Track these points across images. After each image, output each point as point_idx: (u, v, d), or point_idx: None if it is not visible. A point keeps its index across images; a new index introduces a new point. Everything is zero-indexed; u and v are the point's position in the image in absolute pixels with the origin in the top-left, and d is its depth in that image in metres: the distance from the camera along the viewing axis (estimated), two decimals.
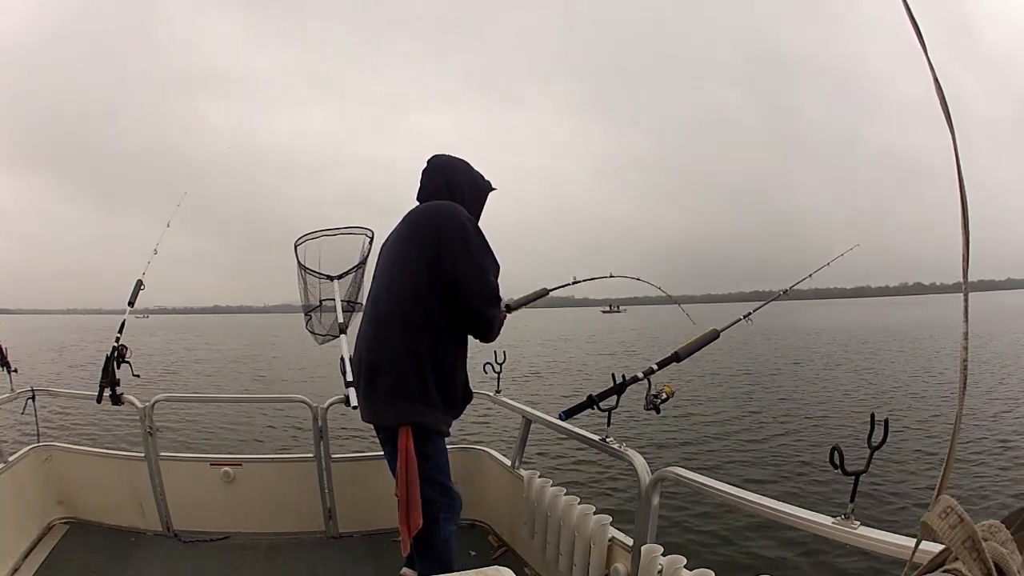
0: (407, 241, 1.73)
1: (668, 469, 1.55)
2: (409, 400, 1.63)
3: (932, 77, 0.50)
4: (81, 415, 7.88)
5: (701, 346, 1.87)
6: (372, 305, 1.78)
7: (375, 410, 1.72)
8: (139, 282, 2.63)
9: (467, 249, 1.66)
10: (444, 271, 1.63)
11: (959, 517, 0.44)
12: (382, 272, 1.79)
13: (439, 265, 1.64)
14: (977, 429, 7.14)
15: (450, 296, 1.65)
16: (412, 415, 1.64)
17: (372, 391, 1.69)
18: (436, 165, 1.86)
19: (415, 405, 1.64)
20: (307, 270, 2.41)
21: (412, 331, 1.64)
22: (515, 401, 2.40)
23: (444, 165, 1.86)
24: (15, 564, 2.21)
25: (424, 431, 1.66)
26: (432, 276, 1.64)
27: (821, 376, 13.00)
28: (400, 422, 1.63)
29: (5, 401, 2.44)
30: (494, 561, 2.38)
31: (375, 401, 1.70)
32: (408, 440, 1.62)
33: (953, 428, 0.53)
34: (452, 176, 1.83)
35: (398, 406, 1.64)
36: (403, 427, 1.62)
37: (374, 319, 1.74)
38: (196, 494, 2.58)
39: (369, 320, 1.77)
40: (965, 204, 0.48)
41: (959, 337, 0.49)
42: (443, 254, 1.64)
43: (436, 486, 1.70)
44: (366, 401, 1.73)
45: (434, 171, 1.85)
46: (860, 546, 1.12)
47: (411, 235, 1.72)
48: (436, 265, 1.64)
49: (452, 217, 1.69)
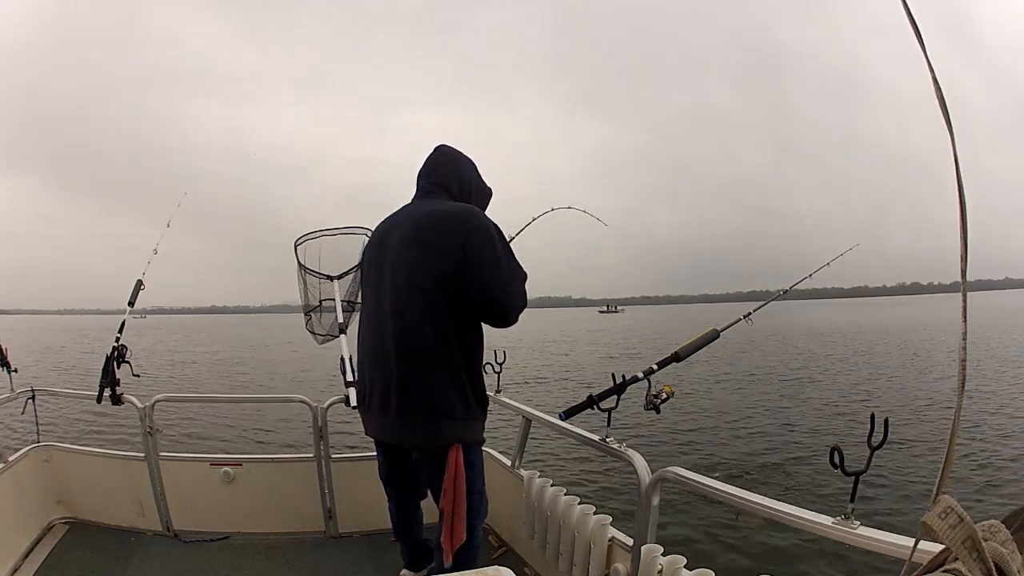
0: (426, 245, 1.55)
1: (668, 469, 1.54)
2: (455, 419, 1.56)
3: (932, 78, 0.50)
4: (81, 415, 7.87)
5: (701, 346, 1.87)
6: (387, 314, 1.58)
7: (408, 431, 1.59)
8: (139, 282, 2.63)
9: (494, 255, 1.54)
10: (472, 283, 1.52)
11: (959, 517, 0.44)
12: (395, 276, 1.58)
13: (466, 275, 1.52)
14: (977, 429, 7.14)
15: (475, 304, 1.56)
16: (460, 433, 1.58)
17: (402, 411, 1.56)
18: (447, 155, 1.73)
19: (461, 423, 1.57)
20: (307, 270, 2.41)
21: (445, 345, 1.54)
22: (515, 401, 2.40)
23: (454, 158, 1.73)
24: (15, 564, 2.21)
25: (471, 445, 1.63)
26: (459, 286, 1.52)
27: (821, 376, 13.00)
28: (449, 443, 1.56)
29: (5, 401, 2.44)
30: (494, 561, 2.38)
31: (410, 422, 1.57)
32: (459, 457, 1.56)
33: (952, 428, 0.53)
34: (462, 172, 1.72)
35: (443, 428, 1.55)
36: (452, 447, 1.56)
37: (393, 331, 1.56)
38: (196, 494, 2.58)
39: (382, 329, 1.60)
40: (964, 204, 0.49)
41: (957, 337, 0.49)
42: (472, 264, 1.51)
43: (477, 495, 1.67)
44: (391, 419, 1.59)
45: (445, 161, 1.72)
46: (860, 546, 1.12)
47: (431, 239, 1.55)
48: (463, 275, 1.52)
49: (479, 224, 1.56)
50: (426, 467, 1.67)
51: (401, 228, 1.63)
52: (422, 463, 1.70)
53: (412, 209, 1.69)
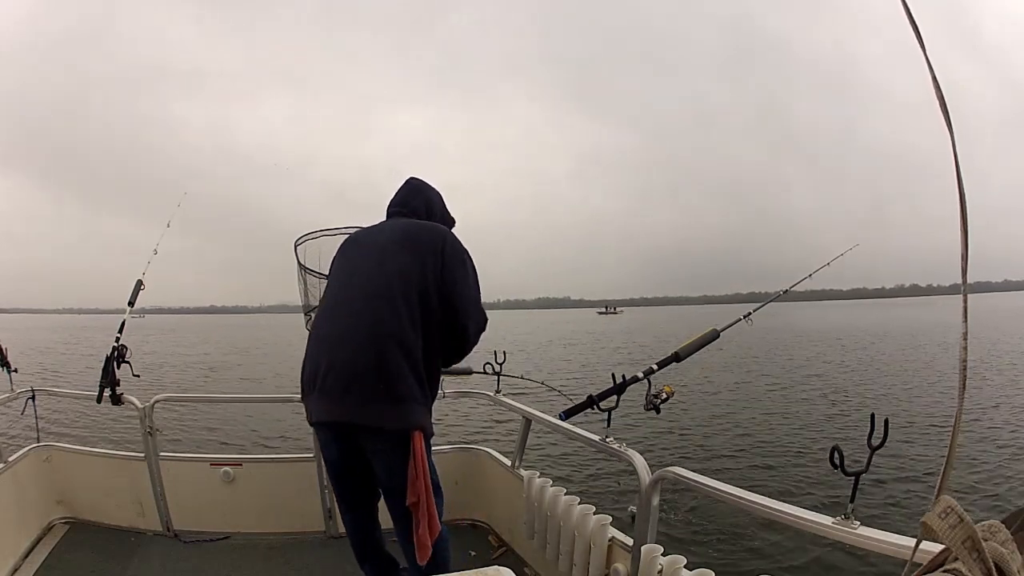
0: (408, 249, 1.69)
1: (668, 469, 1.55)
2: (418, 404, 1.61)
3: (931, 78, 0.50)
4: (81, 415, 7.87)
5: (701, 346, 1.87)
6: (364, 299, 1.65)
7: (363, 409, 1.58)
8: (139, 282, 2.63)
9: (465, 273, 1.73)
10: (444, 288, 1.67)
11: (959, 517, 0.44)
12: (372, 270, 1.69)
13: (440, 279, 1.67)
14: (977, 429, 7.14)
15: (443, 309, 1.67)
16: (420, 419, 1.61)
17: (372, 392, 1.57)
18: (419, 187, 1.92)
19: (421, 409, 1.62)
20: (307, 270, 2.41)
21: (416, 336, 1.63)
22: (515, 401, 2.40)
23: (425, 189, 1.92)
24: (15, 564, 2.21)
25: (428, 435, 1.65)
26: (431, 286, 1.65)
27: (821, 376, 13.00)
28: (411, 427, 1.58)
29: (5, 401, 2.44)
30: (494, 561, 2.39)
31: (365, 398, 1.57)
32: (420, 445, 1.59)
33: (953, 428, 0.53)
34: (431, 202, 1.91)
35: (409, 410, 1.59)
36: (415, 432, 1.58)
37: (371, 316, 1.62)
38: (196, 494, 2.58)
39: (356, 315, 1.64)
40: (964, 205, 0.49)
41: (958, 337, 0.50)
42: (445, 272, 1.68)
43: (436, 488, 1.67)
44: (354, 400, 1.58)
45: (417, 191, 1.91)
46: (860, 546, 1.12)
47: (412, 245, 1.70)
48: (437, 278, 1.67)
49: (454, 241, 1.76)
50: (384, 457, 1.64)
51: (382, 233, 1.79)
52: (378, 453, 1.66)
53: (389, 222, 1.86)
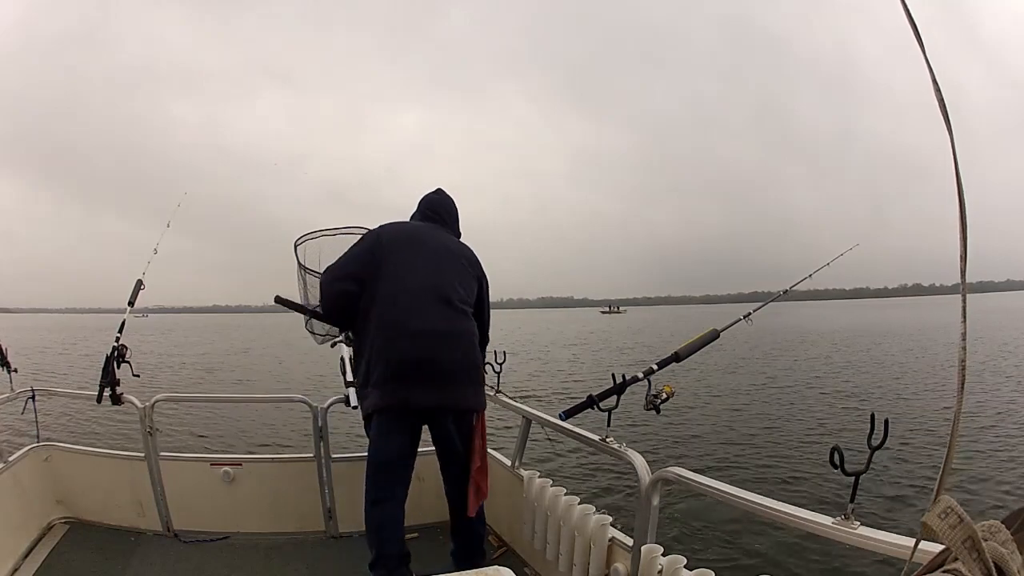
0: (461, 259, 2.04)
1: (668, 469, 1.55)
2: (482, 387, 2.03)
3: (931, 78, 0.50)
4: (81, 415, 7.86)
5: (701, 346, 1.87)
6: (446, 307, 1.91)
7: (459, 395, 1.92)
8: (139, 282, 2.63)
9: (489, 295, 2.14)
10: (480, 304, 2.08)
11: (959, 517, 0.44)
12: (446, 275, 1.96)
13: (479, 298, 2.07)
14: (977, 429, 7.13)
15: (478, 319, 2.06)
16: (484, 400, 2.04)
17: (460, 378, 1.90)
18: (452, 202, 2.20)
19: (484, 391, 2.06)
20: (307, 270, 2.41)
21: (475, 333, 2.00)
22: (515, 401, 2.40)
23: (454, 206, 2.21)
24: (15, 564, 2.21)
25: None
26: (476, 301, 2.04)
27: (821, 376, 12.99)
28: (479, 407, 2.00)
29: (5, 401, 2.45)
30: (494, 561, 2.38)
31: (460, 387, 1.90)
32: (483, 419, 2.01)
33: (952, 428, 0.53)
34: (457, 220, 2.21)
35: (479, 393, 1.99)
36: (481, 411, 2.01)
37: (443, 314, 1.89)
38: (196, 494, 2.58)
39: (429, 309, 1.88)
40: (963, 205, 0.48)
41: (957, 338, 0.49)
42: (482, 292, 2.09)
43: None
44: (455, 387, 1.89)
45: (451, 206, 2.19)
46: (860, 546, 1.12)
47: (468, 264, 2.05)
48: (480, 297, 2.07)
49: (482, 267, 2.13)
50: (467, 431, 2.00)
51: (436, 240, 2.04)
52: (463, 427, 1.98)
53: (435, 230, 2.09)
